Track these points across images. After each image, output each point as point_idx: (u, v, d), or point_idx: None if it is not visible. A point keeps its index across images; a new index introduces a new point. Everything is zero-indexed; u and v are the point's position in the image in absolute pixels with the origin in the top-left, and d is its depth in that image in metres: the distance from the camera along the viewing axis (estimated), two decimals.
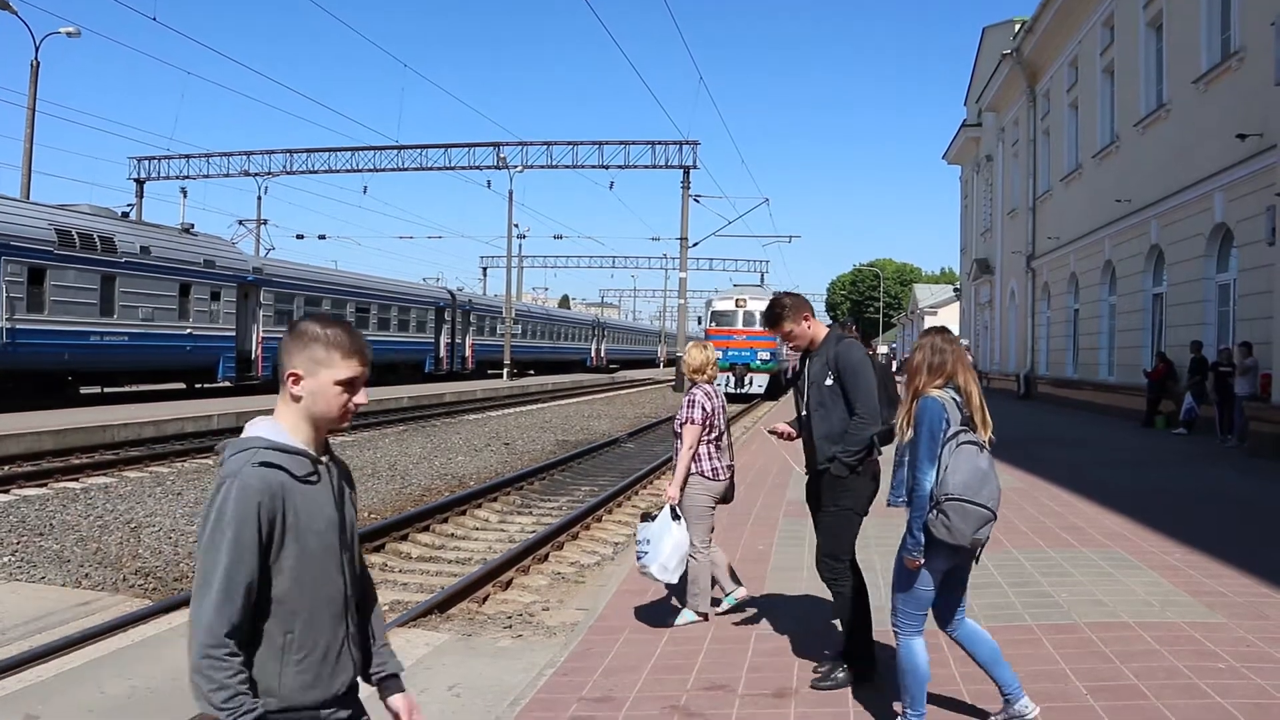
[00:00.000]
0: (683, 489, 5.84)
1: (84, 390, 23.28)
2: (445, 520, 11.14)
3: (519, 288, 61.21)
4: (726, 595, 6.08)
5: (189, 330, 25.10)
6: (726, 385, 32.81)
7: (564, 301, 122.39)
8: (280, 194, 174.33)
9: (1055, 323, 30.19)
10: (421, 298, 39.86)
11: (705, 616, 5.94)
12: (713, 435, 5.93)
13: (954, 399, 3.99)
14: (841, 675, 4.75)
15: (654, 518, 5.80)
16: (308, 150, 41.85)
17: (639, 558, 5.78)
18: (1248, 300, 16.41)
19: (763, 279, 62.40)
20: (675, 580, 5.80)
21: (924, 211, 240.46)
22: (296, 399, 2.13)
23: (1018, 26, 33.49)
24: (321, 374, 2.12)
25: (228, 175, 42.69)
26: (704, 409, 5.88)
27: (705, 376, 6.09)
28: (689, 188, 40.66)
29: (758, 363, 35.05)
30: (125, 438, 17.01)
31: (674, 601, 6.21)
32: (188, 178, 42.45)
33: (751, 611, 6.06)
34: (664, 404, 33.05)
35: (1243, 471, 12.86)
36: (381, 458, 16.09)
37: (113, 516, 10.38)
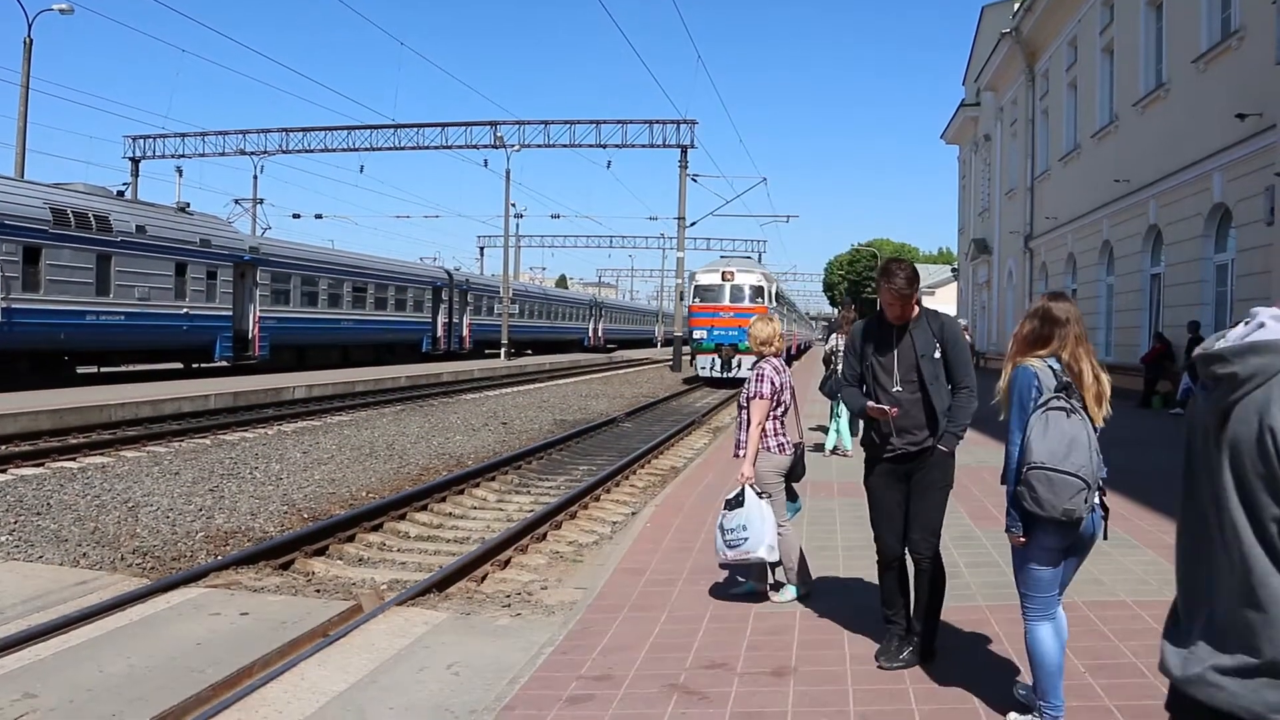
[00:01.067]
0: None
1: (80, 370, 23.22)
2: (443, 499, 11.14)
3: (516, 267, 61.14)
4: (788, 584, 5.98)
5: (185, 310, 25.03)
6: (711, 369, 31.82)
7: (561, 281, 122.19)
8: (276, 173, 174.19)
9: None
10: (419, 277, 39.77)
11: (808, 593, 5.91)
12: (779, 410, 5.90)
13: (1052, 368, 3.81)
14: (907, 655, 4.71)
15: (740, 502, 5.66)
16: (304, 129, 41.67)
17: (735, 546, 5.59)
18: (1246, 280, 16.40)
19: (760, 259, 60.54)
20: (778, 558, 5.74)
21: (922, 191, 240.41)
22: None
23: (1016, 5, 33.29)
24: None
25: (223, 154, 42.51)
26: (773, 383, 5.85)
27: (773, 349, 6.04)
28: (686, 167, 40.55)
29: (747, 343, 33.84)
30: (122, 417, 16.98)
31: (740, 577, 6.14)
32: (183, 156, 42.30)
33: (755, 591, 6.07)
34: (661, 384, 33.06)
35: None
36: (379, 437, 16.09)
37: (110, 496, 10.38)
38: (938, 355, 4.71)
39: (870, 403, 4.72)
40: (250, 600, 6.76)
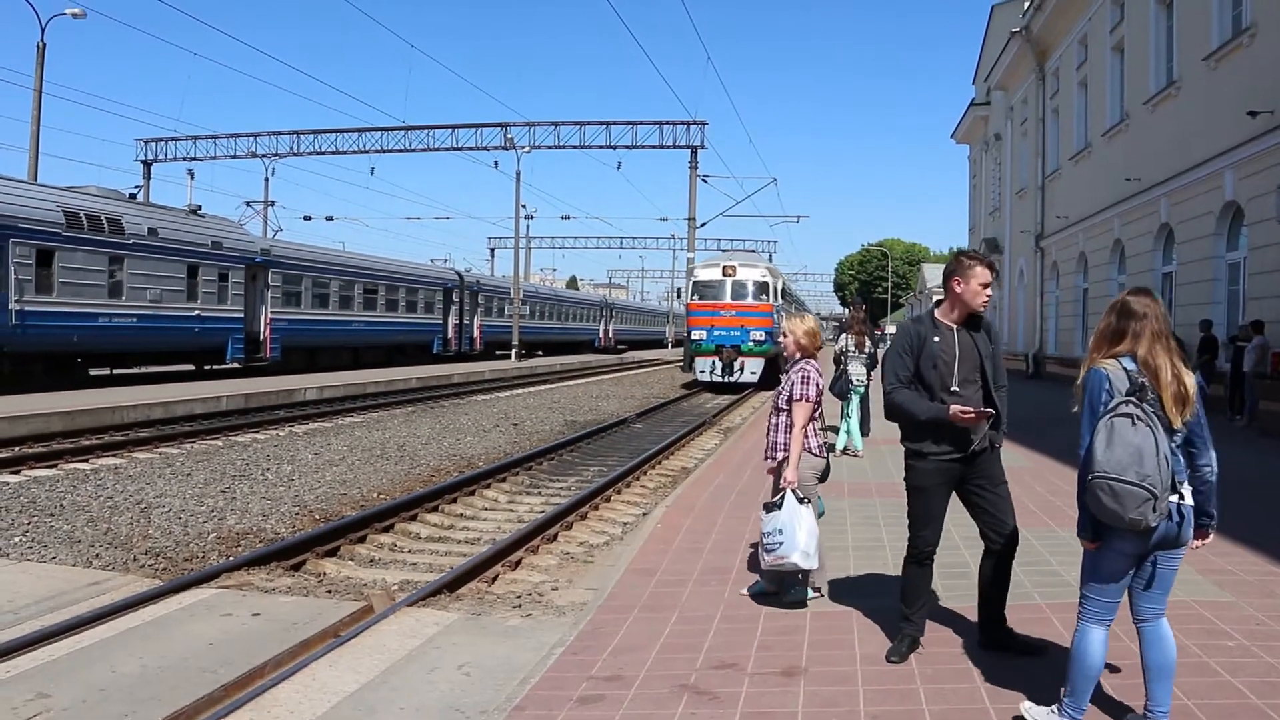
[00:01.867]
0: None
1: (93, 372, 23.34)
2: (454, 500, 11.16)
3: (527, 268, 61.15)
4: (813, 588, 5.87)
5: (197, 312, 25.15)
6: (711, 372, 28.93)
7: (572, 282, 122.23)
8: (287, 175, 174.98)
9: (1064, 302, 30.08)
10: (429, 279, 39.85)
11: (820, 592, 5.90)
12: (816, 410, 5.88)
13: (1126, 369, 3.67)
14: (906, 649, 4.80)
15: (779, 505, 5.57)
16: (315, 131, 41.83)
17: (771, 550, 5.51)
18: (1258, 278, 16.32)
19: (770, 258, 58.60)
20: (818, 565, 5.64)
21: (932, 191, 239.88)
22: None
23: (1027, 4, 33.18)
24: None
25: (235, 157, 42.70)
26: (818, 385, 5.78)
27: (816, 348, 5.94)
28: (696, 168, 40.51)
29: (750, 344, 28.82)
30: (134, 419, 17.06)
31: (760, 576, 6.06)
32: (195, 159, 42.51)
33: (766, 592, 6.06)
34: (672, 384, 32.98)
35: (1253, 450, 12.82)
36: (390, 438, 16.12)
37: (123, 497, 10.43)
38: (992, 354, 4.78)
39: (957, 407, 4.57)
40: (262, 601, 6.78)
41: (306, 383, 24.08)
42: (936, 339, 4.72)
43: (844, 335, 13.09)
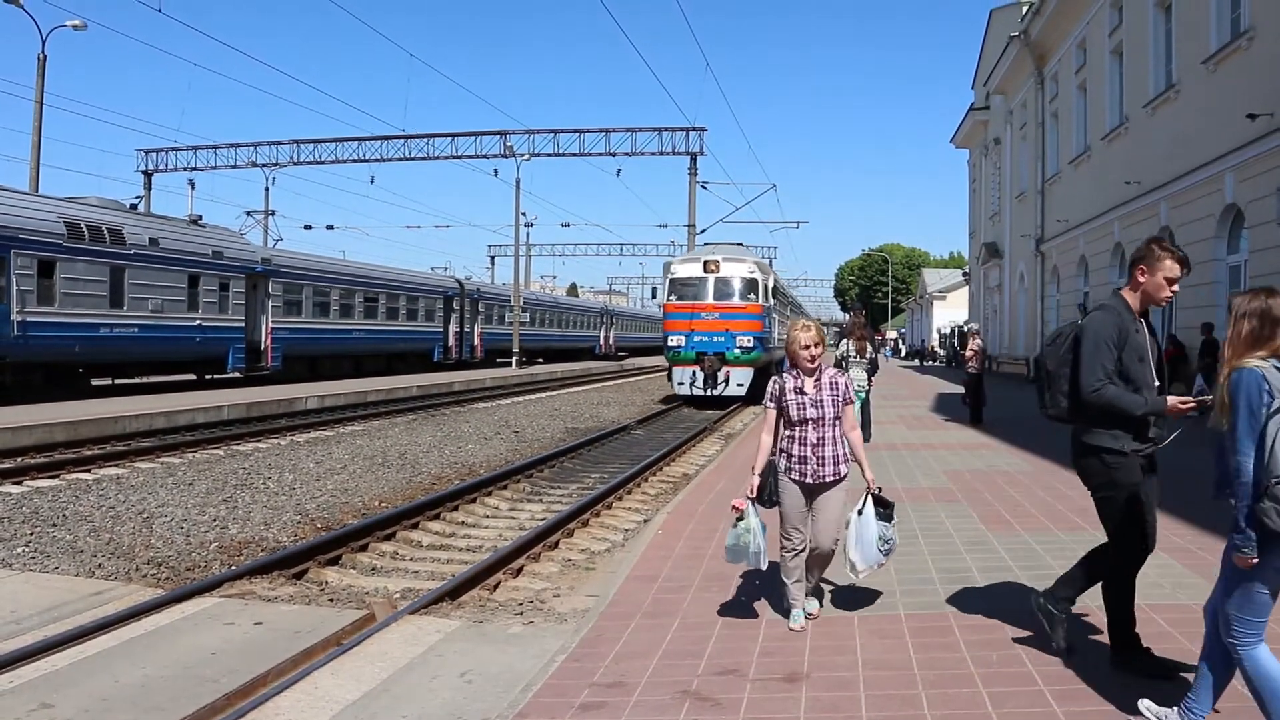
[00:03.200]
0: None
1: (95, 382, 23.36)
2: (456, 508, 11.15)
3: (527, 276, 61.23)
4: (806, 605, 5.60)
5: (198, 321, 25.17)
6: (691, 384, 24.93)
7: (572, 289, 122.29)
8: (288, 184, 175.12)
9: (1065, 306, 30.09)
10: (430, 287, 39.88)
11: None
12: None
13: (1277, 368, 3.47)
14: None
15: (888, 514, 5.55)
16: (315, 141, 42.03)
17: (890, 554, 5.52)
18: (1259, 281, 16.28)
19: (771, 264, 57.62)
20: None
21: (932, 196, 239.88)
22: None
23: (1025, 8, 33.28)
24: None
25: (235, 166, 42.87)
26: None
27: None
28: (696, 174, 40.58)
29: (737, 351, 24.82)
30: (136, 429, 17.06)
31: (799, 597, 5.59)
32: (195, 169, 42.68)
33: (764, 598, 6.06)
34: (672, 391, 32.88)
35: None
36: (391, 446, 16.13)
37: (125, 507, 10.44)
38: None
39: (1175, 399, 4.30)
40: (264, 610, 6.78)
41: (308, 392, 24.09)
42: (1137, 331, 4.44)
43: (845, 341, 13.10)
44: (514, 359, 41.86)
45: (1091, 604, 5.09)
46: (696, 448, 17.13)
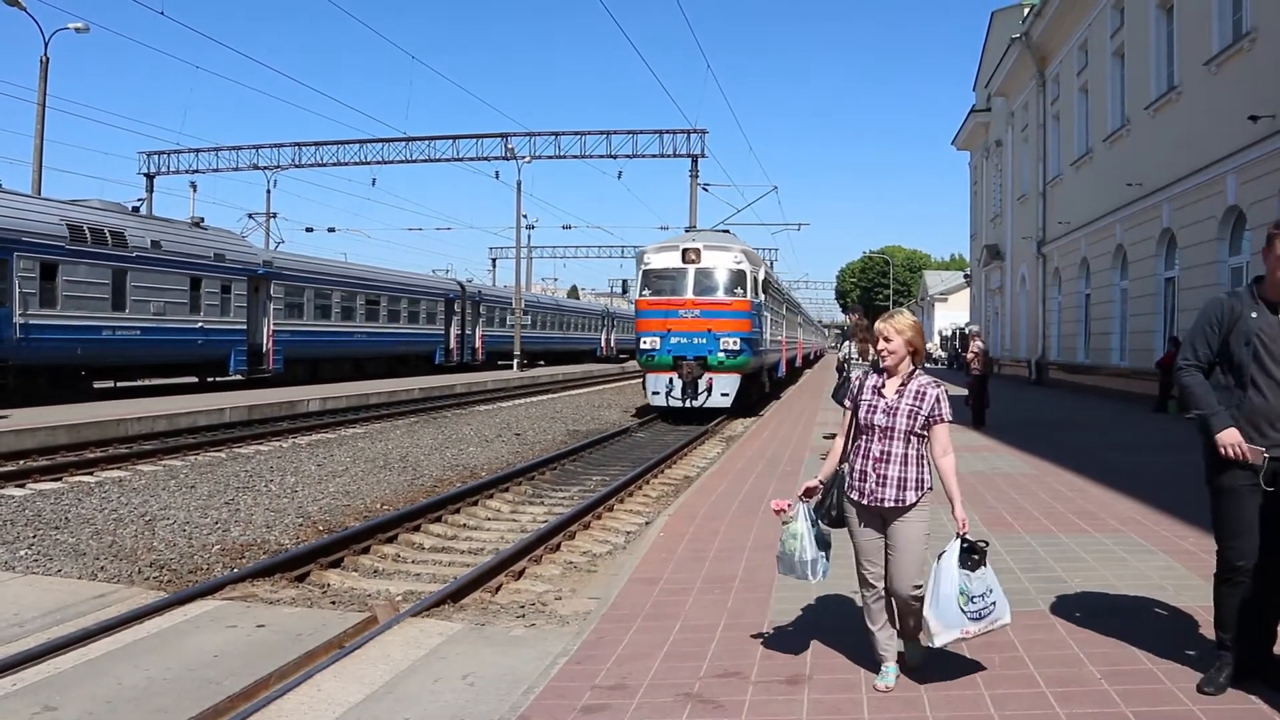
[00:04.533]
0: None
1: (97, 385, 23.37)
2: (457, 511, 11.16)
3: (528, 278, 61.28)
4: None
5: (200, 324, 25.19)
6: (668, 394, 21.40)
7: (573, 292, 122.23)
8: (289, 187, 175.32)
9: (1066, 308, 30.09)
10: (431, 289, 39.91)
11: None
12: None
13: None
14: (1226, 677, 4.29)
15: (979, 562, 4.41)
16: (316, 143, 41.94)
17: (984, 615, 4.38)
18: None
19: (772, 265, 51.45)
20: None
21: (933, 198, 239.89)
22: None
23: (1027, 10, 33.31)
24: None
25: (237, 169, 42.81)
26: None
27: (921, 356, 4.71)
28: (697, 176, 40.53)
29: (720, 356, 21.28)
30: (138, 431, 17.08)
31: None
32: (197, 172, 42.63)
33: (766, 599, 6.06)
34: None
35: None
36: (393, 449, 16.14)
37: (127, 510, 10.45)
38: None
39: (1233, 437, 4.03)
40: (266, 612, 6.79)
41: (309, 394, 24.10)
42: (1254, 315, 4.10)
43: (847, 342, 13.11)
44: (515, 361, 41.86)
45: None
46: (698, 450, 17.13)
